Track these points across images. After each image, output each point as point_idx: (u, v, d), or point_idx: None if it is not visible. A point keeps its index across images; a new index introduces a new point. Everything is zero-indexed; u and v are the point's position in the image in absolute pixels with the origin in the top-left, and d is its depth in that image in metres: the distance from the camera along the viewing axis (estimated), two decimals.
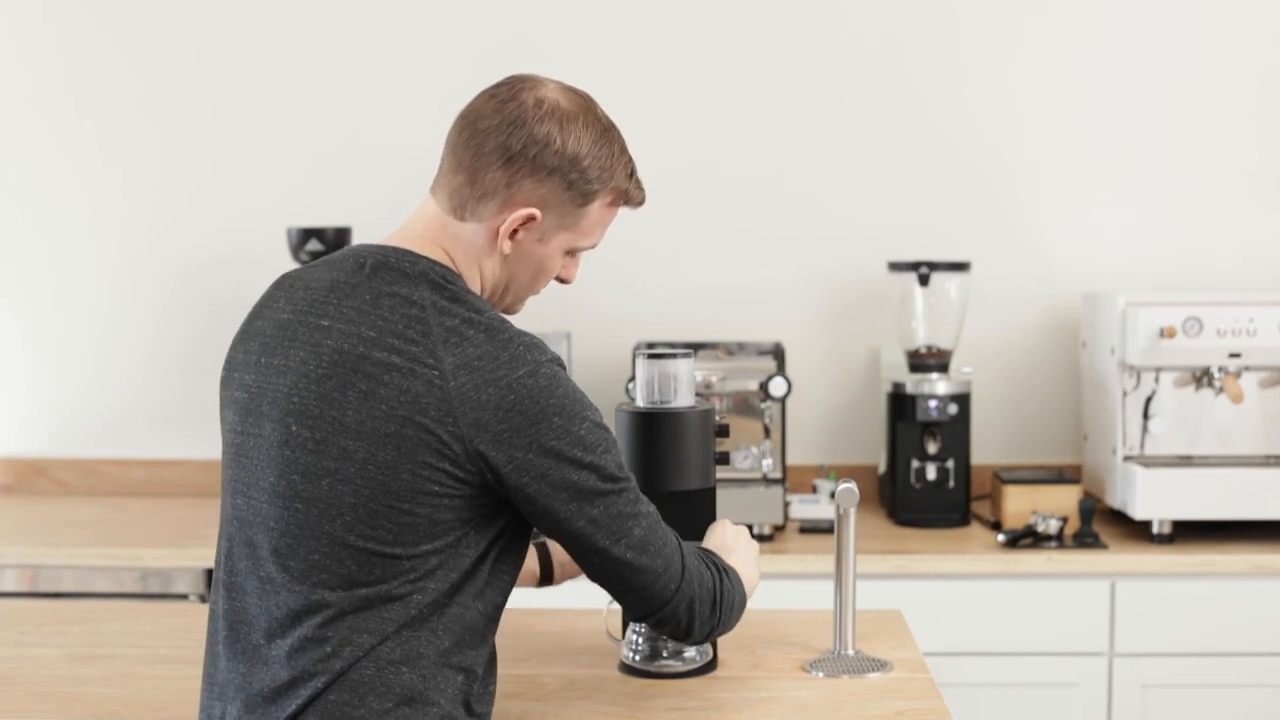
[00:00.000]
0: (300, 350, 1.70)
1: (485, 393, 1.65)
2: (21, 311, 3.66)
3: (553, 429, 1.67)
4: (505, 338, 1.68)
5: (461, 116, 1.79)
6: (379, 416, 1.65)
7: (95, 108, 3.62)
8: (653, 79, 3.56)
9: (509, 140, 1.76)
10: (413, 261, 1.73)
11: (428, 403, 1.64)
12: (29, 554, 3.06)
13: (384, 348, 1.66)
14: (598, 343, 3.53)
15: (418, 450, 1.64)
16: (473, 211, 1.77)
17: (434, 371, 1.65)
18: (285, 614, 1.68)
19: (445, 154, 1.79)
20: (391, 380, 1.65)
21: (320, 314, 1.71)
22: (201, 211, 3.59)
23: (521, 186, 1.77)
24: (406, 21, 3.55)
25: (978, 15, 3.54)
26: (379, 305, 1.69)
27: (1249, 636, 2.99)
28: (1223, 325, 3.07)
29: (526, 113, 1.78)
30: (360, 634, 1.66)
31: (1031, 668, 3.00)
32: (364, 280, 1.72)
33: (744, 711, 1.94)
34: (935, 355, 3.31)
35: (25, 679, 2.10)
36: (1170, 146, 3.53)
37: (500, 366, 1.66)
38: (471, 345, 1.66)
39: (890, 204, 3.54)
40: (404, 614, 1.67)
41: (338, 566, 1.66)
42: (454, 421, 1.64)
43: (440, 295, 1.70)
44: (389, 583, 1.67)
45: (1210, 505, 3.07)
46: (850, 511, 2.14)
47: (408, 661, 1.67)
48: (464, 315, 1.69)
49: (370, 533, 1.66)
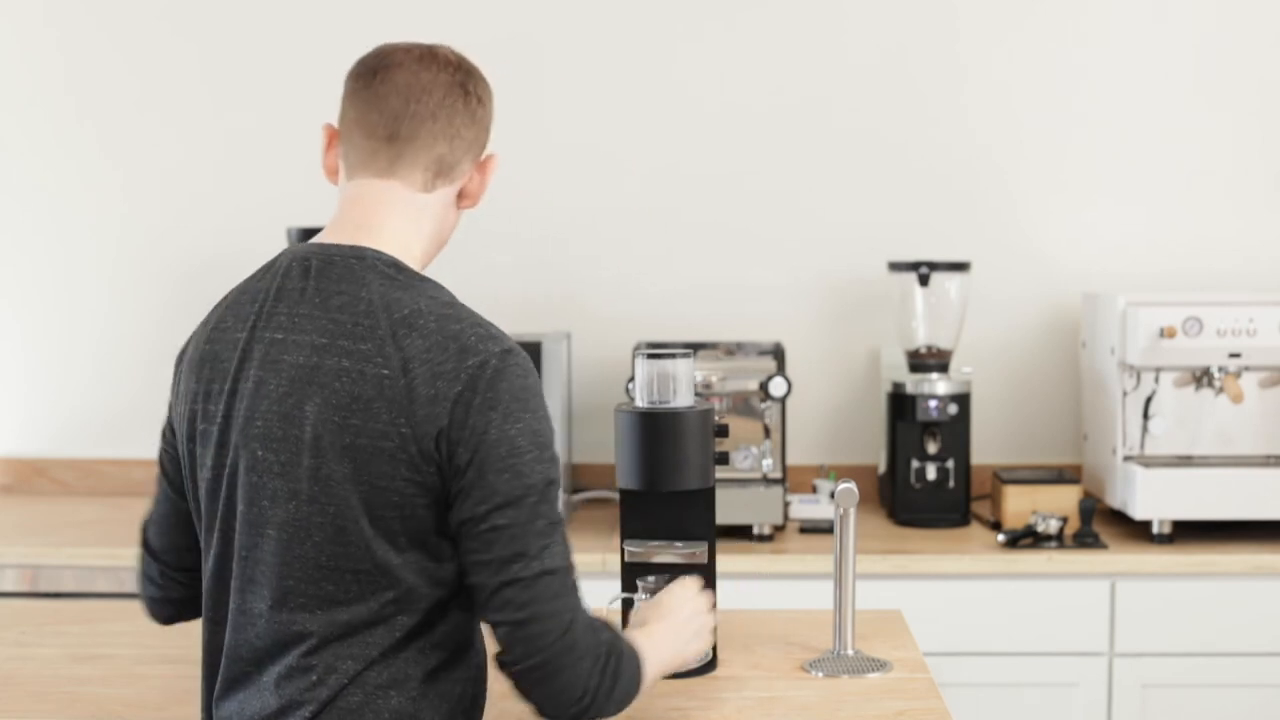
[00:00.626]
0: (258, 369, 1.65)
1: (435, 386, 1.60)
2: (21, 311, 3.66)
3: (491, 424, 1.60)
4: (457, 328, 1.63)
5: (404, 95, 1.71)
6: (333, 429, 1.60)
7: (95, 107, 3.62)
8: (653, 81, 3.56)
9: (469, 101, 1.75)
10: (359, 255, 1.68)
11: (379, 407, 1.59)
12: (29, 554, 3.06)
13: (335, 353, 1.62)
14: (598, 343, 3.53)
15: (374, 459, 1.60)
16: (449, 175, 1.75)
17: (383, 370, 1.60)
18: (268, 644, 1.65)
19: (403, 134, 1.71)
20: (342, 388, 1.61)
21: (273, 327, 1.66)
22: (202, 211, 3.59)
23: (482, 139, 1.78)
24: (407, 22, 3.54)
25: (978, 16, 3.53)
26: (328, 308, 1.65)
27: (1249, 636, 2.99)
28: (1223, 325, 3.07)
29: (465, 72, 1.77)
30: (344, 660, 1.63)
31: (1031, 668, 3.00)
32: (310, 284, 1.67)
33: (744, 711, 1.94)
34: (935, 355, 3.31)
35: (25, 679, 2.10)
36: (1170, 146, 3.53)
37: (450, 358, 1.61)
38: (420, 336, 1.62)
39: (890, 204, 3.54)
40: (388, 637, 1.64)
41: (314, 589, 1.63)
42: (406, 421, 1.59)
43: (390, 286, 1.65)
44: (367, 602, 1.62)
45: (1210, 505, 3.07)
46: (850, 511, 2.14)
47: (395, 685, 1.64)
48: (413, 305, 1.64)
49: (342, 550, 1.62)
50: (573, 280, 3.58)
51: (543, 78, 3.56)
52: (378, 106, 1.73)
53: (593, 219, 3.58)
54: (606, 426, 2.54)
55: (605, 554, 2.95)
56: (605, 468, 3.36)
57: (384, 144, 1.72)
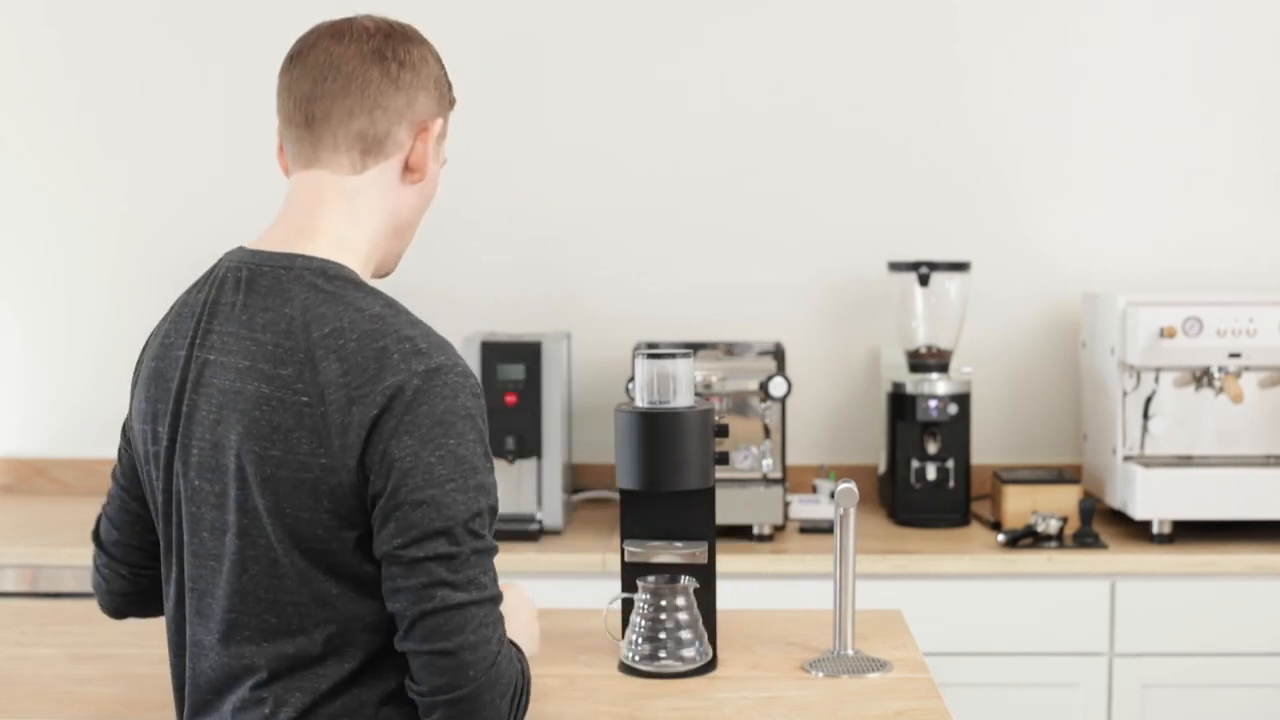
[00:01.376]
0: (193, 393, 1.59)
1: (350, 413, 1.50)
2: (21, 311, 3.66)
3: (405, 450, 1.50)
4: (379, 345, 1.53)
5: (314, 75, 1.64)
6: (254, 459, 1.53)
7: (96, 107, 3.62)
8: (653, 81, 3.56)
9: (388, 69, 1.64)
10: (287, 265, 1.60)
11: (298, 437, 1.51)
12: (29, 554, 3.06)
13: (255, 377, 1.54)
14: (597, 343, 3.53)
15: (296, 492, 1.53)
16: (379, 150, 1.64)
17: (302, 399, 1.51)
18: (222, 675, 1.62)
19: (317, 116, 1.64)
20: (262, 416, 1.53)
21: (207, 347, 1.60)
22: (202, 211, 3.59)
23: (418, 103, 1.67)
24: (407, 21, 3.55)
25: (978, 16, 3.53)
26: (253, 327, 1.56)
27: (1249, 636, 2.99)
28: (1223, 325, 3.07)
29: (382, 37, 1.66)
30: (293, 693, 1.58)
31: (1031, 668, 3.00)
32: (240, 299, 1.59)
33: (744, 711, 1.94)
34: (935, 355, 3.31)
35: (25, 679, 2.10)
36: (1170, 146, 3.53)
37: (367, 380, 1.51)
38: (339, 359, 1.52)
39: (890, 204, 3.54)
40: (338, 670, 1.58)
41: (257, 622, 1.58)
42: (325, 451, 1.51)
43: (315, 299, 1.56)
44: (310, 634, 1.57)
45: (1210, 505, 3.07)
46: (850, 511, 2.14)
47: (349, 714, 1.60)
48: (336, 323, 1.54)
49: (278, 583, 1.56)
50: (573, 280, 3.58)
51: (542, 78, 3.56)
52: (292, 92, 1.66)
53: (593, 219, 3.58)
54: (606, 426, 2.54)
55: (605, 554, 2.95)
56: (605, 468, 3.36)
57: (304, 130, 1.65)
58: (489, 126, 3.54)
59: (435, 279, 3.51)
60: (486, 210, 3.58)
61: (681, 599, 2.05)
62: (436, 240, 3.55)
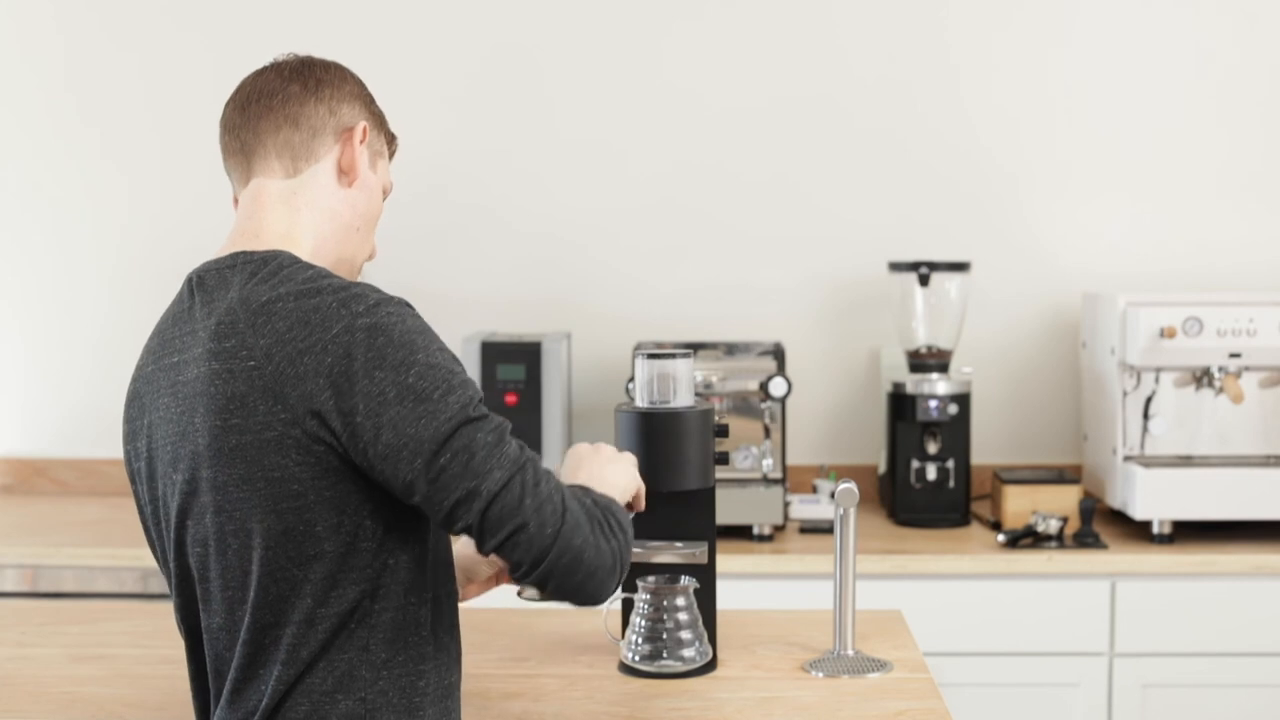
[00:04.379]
0: (165, 397, 1.67)
1: (301, 364, 1.56)
2: (21, 311, 3.66)
3: (378, 382, 1.55)
4: (316, 301, 1.59)
5: (241, 106, 1.78)
6: (219, 433, 1.59)
7: (96, 108, 3.62)
8: (653, 80, 3.56)
9: (307, 84, 1.76)
10: (231, 261, 1.68)
11: (254, 401, 1.57)
12: (29, 554, 3.06)
13: (208, 358, 1.61)
14: (598, 343, 3.53)
15: (263, 453, 1.57)
16: (309, 154, 1.74)
17: (249, 363, 1.58)
18: (226, 657, 1.65)
19: (247, 139, 1.77)
20: (218, 391, 1.59)
21: (170, 351, 1.69)
22: (203, 211, 3.58)
23: (341, 112, 1.77)
24: (408, 28, 3.55)
25: (978, 16, 3.53)
26: (208, 320, 1.65)
27: (1249, 636, 2.99)
28: (1223, 325, 3.07)
29: (299, 63, 1.79)
30: (280, 666, 1.61)
31: (1031, 668, 3.00)
32: (194, 300, 1.69)
33: (744, 711, 1.94)
34: (935, 355, 3.31)
35: (25, 679, 2.10)
36: (1171, 146, 3.53)
37: (313, 331, 1.57)
38: (280, 319, 1.59)
39: (890, 204, 3.55)
40: (317, 639, 1.60)
41: (242, 597, 1.62)
42: (283, 407, 1.56)
43: (252, 282, 1.64)
44: (288, 599, 1.60)
45: (1210, 505, 3.07)
46: (850, 511, 2.14)
47: (341, 689, 1.61)
48: (271, 294, 1.61)
49: (259, 554, 1.59)
50: (573, 280, 3.58)
51: (543, 79, 3.56)
52: (227, 128, 1.81)
53: (592, 219, 3.58)
54: (606, 426, 2.54)
55: None
56: None
57: (240, 156, 1.79)
58: (489, 127, 3.55)
59: (435, 279, 3.51)
60: (486, 210, 3.58)
61: (681, 599, 2.05)
62: (437, 240, 3.56)
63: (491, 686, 2.02)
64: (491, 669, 2.10)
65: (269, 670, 1.62)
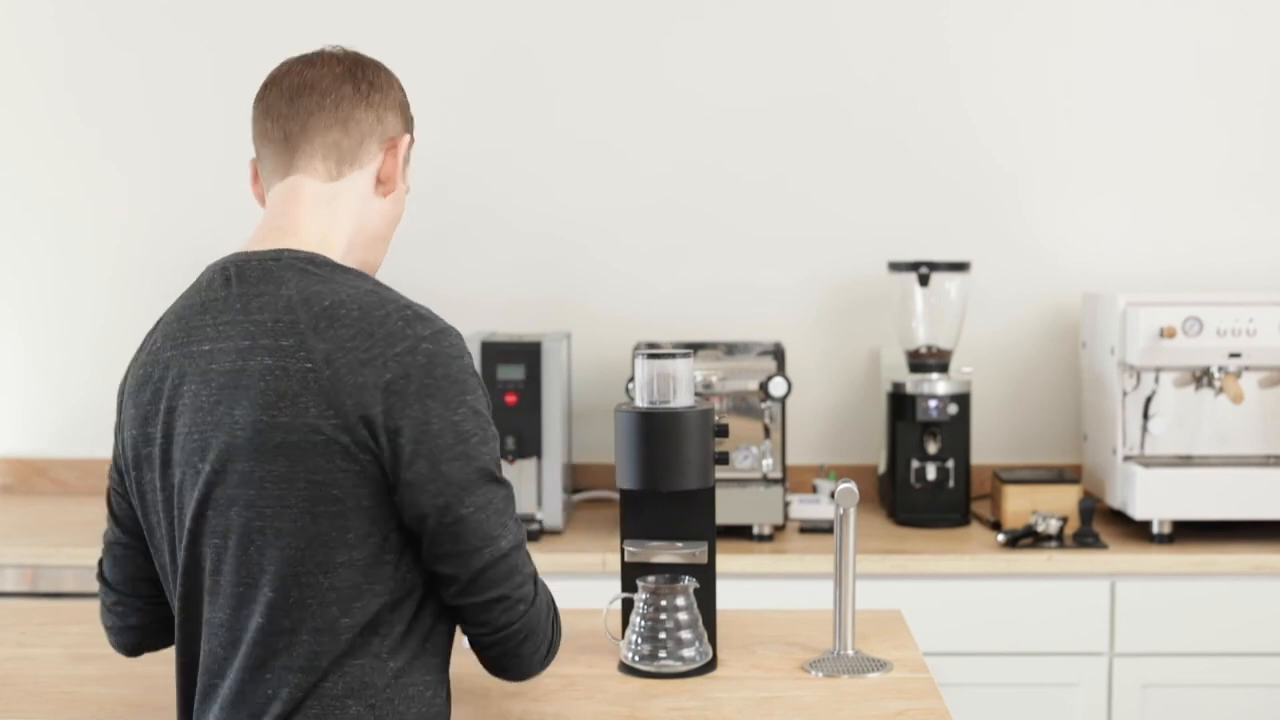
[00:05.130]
0: (190, 384, 1.65)
1: (362, 375, 1.59)
2: (21, 311, 3.66)
3: (428, 411, 1.60)
4: (381, 314, 1.62)
5: (290, 96, 1.75)
6: (264, 428, 1.59)
7: (96, 107, 3.62)
8: (653, 80, 3.56)
9: (359, 87, 1.76)
10: (275, 256, 1.68)
11: (306, 401, 1.58)
12: (29, 554, 3.06)
13: (258, 353, 1.61)
14: (598, 343, 3.53)
15: (309, 454, 1.59)
16: (353, 160, 1.75)
17: (306, 364, 1.59)
18: (230, 654, 1.64)
19: (293, 131, 1.74)
20: (268, 386, 1.59)
21: (200, 339, 1.66)
22: (203, 211, 3.59)
23: (387, 120, 1.78)
24: (408, 28, 3.55)
25: (978, 16, 3.54)
26: (249, 310, 1.64)
27: (1249, 636, 2.99)
28: (1223, 325, 3.07)
29: (351, 62, 1.79)
30: (295, 673, 1.61)
31: (1031, 668, 3.00)
32: (232, 291, 1.67)
33: (744, 711, 1.94)
34: (935, 355, 3.31)
35: (25, 679, 2.10)
36: (1171, 146, 3.53)
37: (375, 345, 1.60)
38: (343, 326, 1.61)
39: (890, 204, 3.55)
40: (336, 644, 1.61)
41: (261, 595, 1.61)
42: (335, 412, 1.58)
43: (308, 280, 1.64)
44: (309, 606, 1.60)
45: (1210, 505, 3.07)
46: (850, 511, 2.14)
47: (353, 694, 1.63)
48: (334, 296, 1.63)
49: (283, 555, 1.60)
50: (573, 280, 3.58)
51: (543, 79, 3.56)
52: (270, 114, 1.77)
53: (592, 219, 3.58)
54: (606, 426, 2.54)
55: (605, 554, 2.95)
56: (605, 468, 3.36)
57: (282, 146, 1.76)
58: (489, 126, 3.55)
59: (436, 279, 3.51)
60: (486, 210, 3.58)
61: (681, 599, 2.05)
62: (437, 241, 3.56)
63: (492, 686, 2.02)
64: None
65: (281, 675, 1.62)
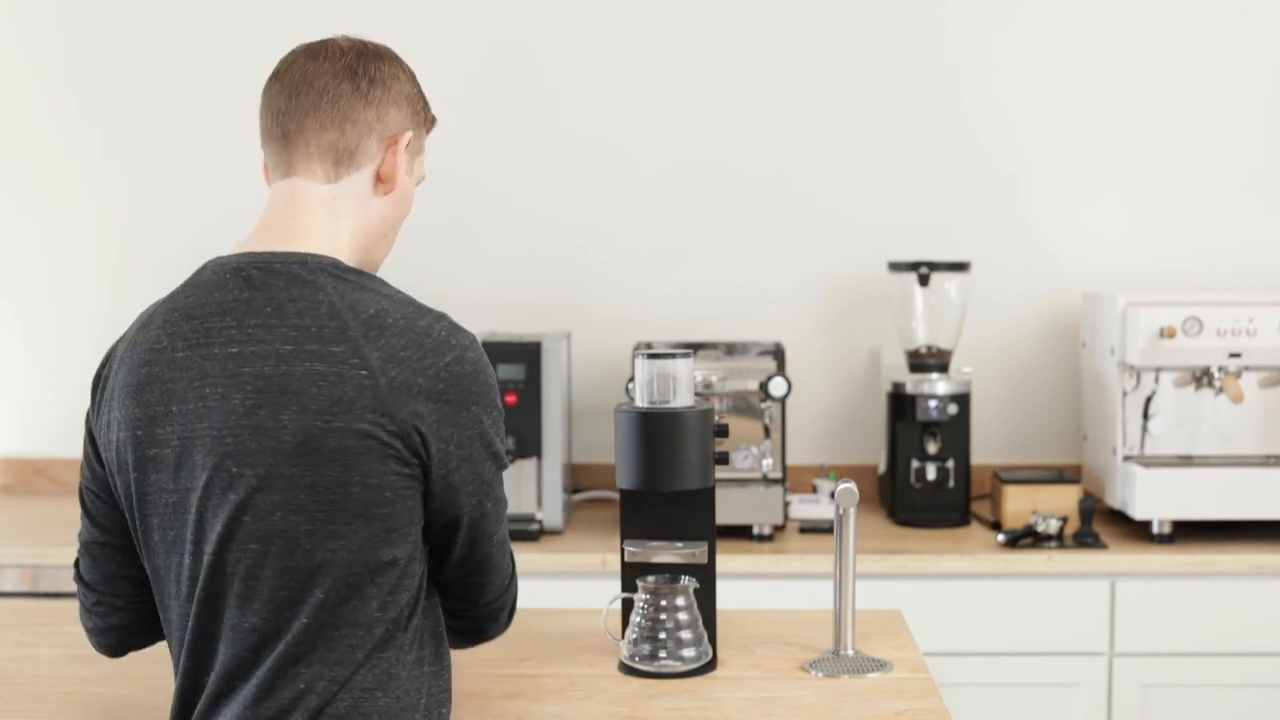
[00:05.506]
0: (218, 387, 1.62)
1: (416, 383, 1.62)
2: (21, 311, 3.66)
3: (473, 418, 1.66)
4: (424, 324, 1.65)
5: (289, 92, 1.74)
6: (318, 433, 1.59)
7: (97, 107, 3.62)
8: (653, 80, 3.56)
9: (358, 84, 1.74)
10: (300, 260, 1.66)
11: (362, 407, 1.59)
12: (29, 554, 3.06)
13: (305, 358, 1.61)
14: (598, 343, 3.53)
15: (363, 459, 1.60)
16: (350, 161, 1.73)
17: (362, 371, 1.60)
18: (256, 656, 1.64)
19: (291, 130, 1.73)
20: (320, 392, 1.60)
21: (223, 341, 1.63)
22: (204, 211, 3.59)
23: (389, 117, 1.76)
24: (408, 28, 3.55)
25: (978, 16, 3.54)
26: (285, 314, 1.63)
27: (1249, 636, 2.99)
28: (1223, 325, 3.07)
29: (354, 55, 1.78)
30: (332, 667, 1.63)
31: (1031, 668, 3.00)
32: (256, 293, 1.64)
33: (744, 711, 1.94)
34: (935, 355, 3.31)
35: (25, 679, 2.10)
36: (1171, 146, 3.53)
37: (426, 355, 1.63)
38: (393, 335, 1.63)
39: (890, 204, 3.55)
40: (370, 639, 1.64)
41: (305, 596, 1.62)
42: (390, 420, 1.60)
43: (345, 287, 1.65)
44: (354, 606, 1.63)
45: (1210, 505, 3.08)
46: (850, 511, 2.14)
47: (381, 685, 1.65)
48: (377, 305, 1.64)
49: (335, 557, 1.61)
50: (573, 280, 3.58)
51: (543, 79, 3.56)
52: (270, 108, 1.76)
53: (592, 219, 3.58)
54: (606, 426, 2.54)
55: (605, 554, 2.95)
56: (605, 468, 3.36)
57: (280, 143, 1.74)
58: (489, 126, 3.55)
59: (435, 279, 3.51)
60: (486, 210, 3.58)
61: (681, 599, 2.05)
62: (437, 240, 3.56)
63: (491, 686, 2.03)
64: (491, 669, 2.10)
65: (318, 670, 1.63)
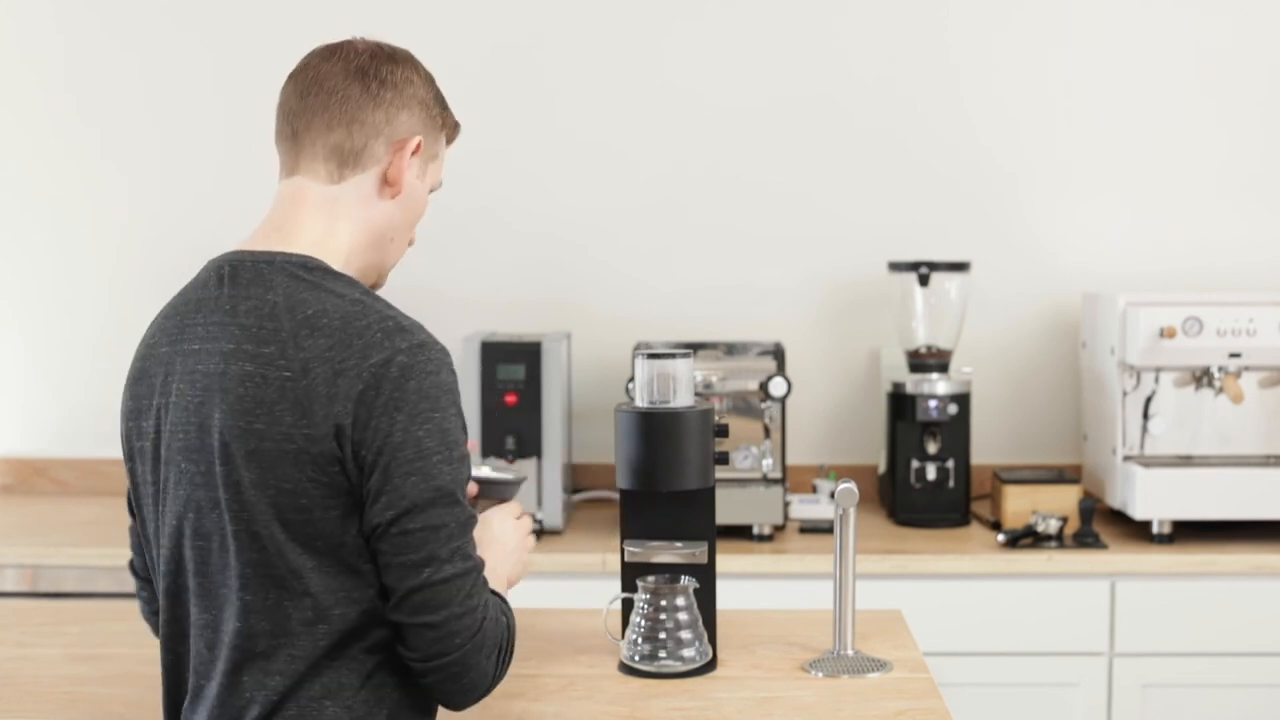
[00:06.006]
0: (179, 383, 1.65)
1: (335, 385, 1.58)
2: (21, 311, 3.66)
3: (392, 423, 1.58)
4: (362, 324, 1.60)
5: (300, 93, 1.74)
6: (239, 434, 1.59)
7: (97, 107, 3.62)
8: (654, 80, 3.56)
9: (369, 86, 1.73)
10: (269, 260, 1.67)
11: (281, 410, 1.58)
12: (29, 554, 3.06)
13: (239, 358, 1.61)
14: (598, 343, 3.53)
15: (279, 463, 1.58)
16: (356, 162, 1.72)
17: (285, 373, 1.59)
18: (212, 655, 1.65)
19: (300, 130, 1.73)
20: (246, 392, 1.59)
21: (190, 338, 1.66)
22: (204, 211, 3.59)
23: (399, 120, 1.74)
24: (408, 28, 3.54)
25: (977, 15, 3.53)
26: (236, 314, 1.64)
27: (1249, 636, 2.99)
28: (1223, 325, 3.07)
29: (368, 56, 1.76)
30: (273, 676, 1.62)
31: (1031, 668, 3.00)
32: (224, 291, 1.66)
33: (744, 711, 1.94)
34: (935, 355, 3.31)
35: (25, 679, 2.10)
36: (1171, 146, 3.53)
37: (352, 355, 1.59)
38: (324, 335, 1.59)
39: (890, 204, 3.54)
40: (313, 648, 1.62)
41: (236, 598, 1.62)
42: (308, 422, 1.58)
43: (297, 286, 1.63)
44: (287, 611, 1.61)
45: (1210, 505, 3.07)
46: (850, 511, 2.14)
47: (330, 695, 1.63)
48: (318, 305, 1.61)
49: (259, 558, 1.61)
50: (573, 280, 3.58)
51: (544, 78, 3.56)
52: (282, 109, 1.77)
53: (593, 219, 3.58)
54: (606, 426, 2.54)
55: (605, 554, 2.95)
56: (605, 468, 3.36)
57: (289, 142, 1.75)
58: (489, 126, 3.54)
59: (435, 279, 3.51)
60: (486, 210, 3.58)
61: (681, 599, 2.05)
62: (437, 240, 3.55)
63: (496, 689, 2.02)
64: None
65: (258, 679, 1.62)
